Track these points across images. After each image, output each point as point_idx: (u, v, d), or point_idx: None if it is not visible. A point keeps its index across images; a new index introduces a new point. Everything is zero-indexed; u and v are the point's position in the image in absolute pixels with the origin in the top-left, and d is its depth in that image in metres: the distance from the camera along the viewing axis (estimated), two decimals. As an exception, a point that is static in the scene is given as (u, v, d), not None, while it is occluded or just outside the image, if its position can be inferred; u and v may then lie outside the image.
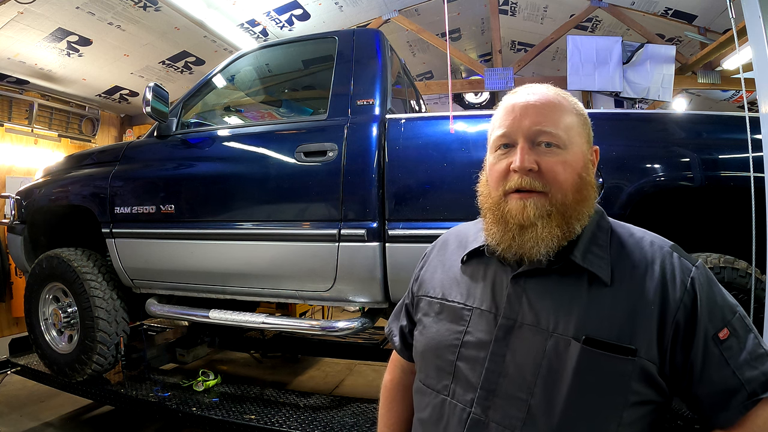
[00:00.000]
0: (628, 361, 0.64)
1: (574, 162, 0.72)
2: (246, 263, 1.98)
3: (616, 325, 0.66)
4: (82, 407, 2.92)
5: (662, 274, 0.68)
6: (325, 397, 2.21)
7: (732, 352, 0.65)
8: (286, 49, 2.45)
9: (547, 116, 0.72)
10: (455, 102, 6.45)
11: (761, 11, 1.17)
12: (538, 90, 0.76)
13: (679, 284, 0.67)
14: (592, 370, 0.65)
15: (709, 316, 0.66)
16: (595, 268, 0.70)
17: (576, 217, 0.72)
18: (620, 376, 0.64)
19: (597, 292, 0.69)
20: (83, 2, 3.61)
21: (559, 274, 0.72)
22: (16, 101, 4.52)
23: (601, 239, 0.73)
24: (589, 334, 0.66)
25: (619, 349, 0.65)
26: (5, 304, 4.42)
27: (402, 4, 4.88)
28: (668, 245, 0.73)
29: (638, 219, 1.58)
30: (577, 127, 0.75)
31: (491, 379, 0.70)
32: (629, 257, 0.71)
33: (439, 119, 1.81)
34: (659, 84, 4.24)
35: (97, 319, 2.19)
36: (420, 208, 1.71)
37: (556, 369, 0.66)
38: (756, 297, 1.42)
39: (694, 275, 0.68)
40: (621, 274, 0.70)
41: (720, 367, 0.65)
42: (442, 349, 0.77)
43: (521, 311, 0.71)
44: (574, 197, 0.71)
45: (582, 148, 0.75)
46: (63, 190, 2.44)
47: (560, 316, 0.68)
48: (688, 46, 4.90)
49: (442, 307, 0.81)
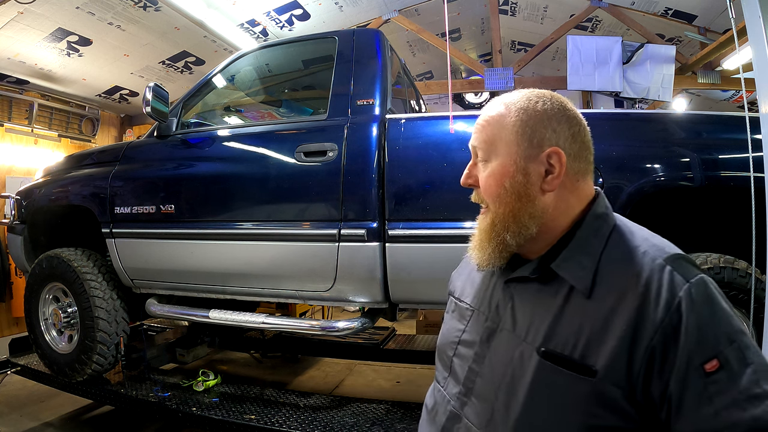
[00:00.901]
0: (584, 381, 0.59)
1: (496, 172, 0.71)
2: (246, 263, 1.99)
3: (582, 341, 0.61)
4: (82, 407, 2.92)
5: (645, 291, 0.60)
6: (325, 397, 2.21)
7: (718, 387, 0.54)
8: (286, 49, 2.45)
9: (479, 131, 0.75)
10: (455, 102, 6.45)
11: (761, 11, 1.17)
12: (490, 105, 0.76)
13: (662, 304, 0.58)
14: (547, 384, 0.63)
15: (696, 343, 0.56)
16: (572, 278, 0.65)
17: (516, 222, 0.69)
18: (575, 395, 0.60)
19: (573, 303, 0.65)
20: (83, 2, 3.61)
21: (540, 282, 0.70)
22: (16, 101, 4.52)
23: (592, 246, 0.67)
24: (551, 347, 0.63)
25: (577, 367, 0.60)
26: (5, 304, 4.42)
27: (402, 4, 4.88)
28: (663, 257, 0.62)
29: (638, 219, 1.59)
30: (505, 134, 0.71)
31: (470, 378, 0.74)
32: (615, 269, 0.64)
33: (439, 119, 1.81)
34: (659, 84, 4.23)
35: (97, 319, 2.19)
36: (420, 208, 1.71)
37: (518, 377, 0.66)
38: (756, 297, 1.42)
39: (683, 294, 0.58)
40: (602, 287, 0.63)
41: (701, 404, 0.55)
42: (446, 345, 0.82)
43: (504, 316, 0.73)
44: (505, 207, 0.70)
45: (505, 157, 0.71)
46: (63, 190, 2.44)
47: (533, 324, 0.67)
48: (688, 46, 4.90)
49: (456, 305, 0.86)
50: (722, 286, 1.46)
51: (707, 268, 1.48)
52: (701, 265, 1.49)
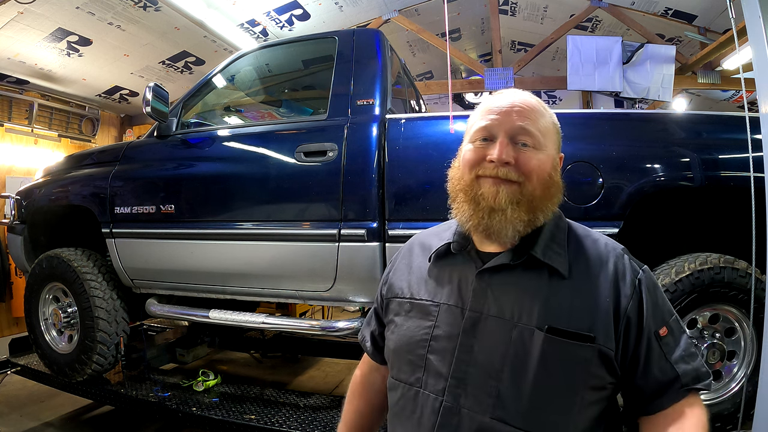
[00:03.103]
0: (587, 348, 0.71)
1: (546, 162, 0.78)
2: (246, 263, 1.98)
3: (575, 315, 0.72)
4: (82, 407, 2.92)
5: (615, 271, 0.76)
6: (325, 397, 2.20)
7: (669, 347, 0.74)
8: (286, 49, 2.45)
9: (528, 118, 0.78)
10: (455, 102, 6.45)
11: (761, 11, 1.17)
12: (522, 95, 0.82)
13: (629, 282, 0.75)
14: (556, 356, 0.71)
15: (653, 315, 0.74)
16: (555, 263, 0.76)
17: (541, 209, 0.78)
18: (581, 360, 0.71)
19: (556, 285, 0.75)
20: (83, 2, 3.61)
21: (521, 269, 0.77)
22: (16, 101, 4.52)
23: (558, 237, 0.80)
24: (552, 323, 0.72)
25: (579, 336, 0.71)
26: (5, 304, 4.42)
27: (402, 4, 4.88)
28: (620, 248, 0.80)
29: (638, 219, 1.59)
30: (552, 134, 0.81)
31: (461, 369, 0.75)
32: (586, 255, 0.78)
33: (439, 119, 1.81)
34: (659, 84, 4.24)
35: (97, 319, 2.19)
36: (420, 208, 1.71)
37: (522, 357, 0.71)
38: (756, 297, 1.42)
39: (641, 277, 0.76)
40: (578, 270, 0.76)
41: (660, 360, 0.73)
42: (413, 344, 0.81)
43: (487, 304, 0.76)
44: (542, 192, 0.77)
45: (552, 152, 0.81)
46: (63, 190, 2.44)
47: (524, 307, 0.74)
48: (688, 46, 4.90)
49: (412, 305, 0.85)
50: (722, 286, 1.48)
51: (707, 268, 1.48)
52: (701, 264, 1.49)
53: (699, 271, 1.47)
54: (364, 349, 1.04)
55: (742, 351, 1.56)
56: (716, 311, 1.55)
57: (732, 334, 1.56)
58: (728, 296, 1.50)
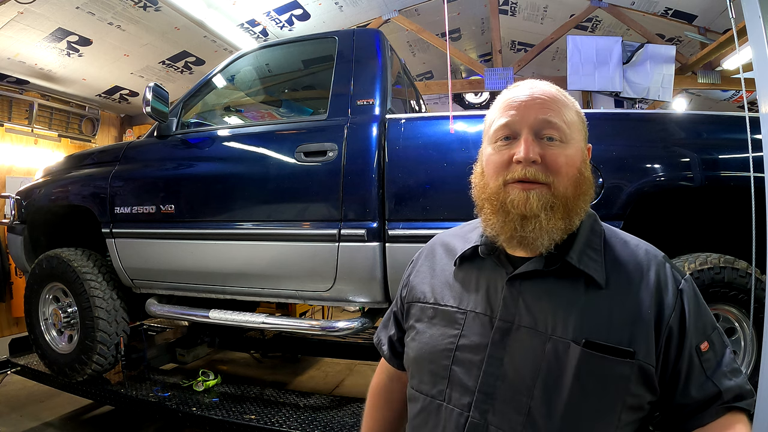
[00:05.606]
0: (627, 364, 0.65)
1: (575, 157, 0.72)
2: (246, 263, 1.98)
3: (615, 328, 0.67)
4: (82, 407, 2.92)
5: (657, 281, 0.70)
6: (325, 397, 2.21)
7: (710, 363, 0.68)
8: (286, 49, 2.45)
9: (551, 109, 0.71)
10: (455, 102, 6.45)
11: (761, 11, 1.17)
12: (541, 85, 0.75)
13: (671, 292, 0.69)
14: (593, 372, 0.65)
15: (695, 328, 0.68)
16: (591, 271, 0.70)
17: (575, 211, 0.71)
18: (620, 378, 0.65)
19: (593, 295, 0.69)
20: (83, 2, 3.61)
21: (555, 276, 0.71)
22: (16, 101, 4.52)
23: (595, 243, 0.73)
24: (589, 337, 0.66)
25: (618, 351, 0.65)
26: (5, 304, 4.42)
27: (402, 4, 4.88)
28: (661, 255, 0.74)
29: (638, 219, 1.59)
30: (578, 123, 0.74)
31: (489, 383, 0.69)
32: (625, 263, 0.72)
33: (439, 119, 1.81)
34: (659, 84, 4.23)
35: (97, 319, 2.19)
36: (420, 208, 1.71)
37: (556, 372, 0.66)
38: (756, 297, 1.42)
39: (683, 287, 0.70)
40: (617, 279, 0.70)
41: (700, 377, 0.68)
42: (436, 354, 0.75)
43: (518, 313, 0.70)
44: (575, 191, 0.71)
45: (581, 144, 0.74)
46: (63, 190, 2.44)
47: (558, 318, 0.68)
48: (688, 46, 4.90)
49: (436, 311, 0.79)
50: (722, 286, 1.47)
51: (707, 268, 1.48)
52: (701, 264, 1.49)
53: (699, 271, 1.47)
54: (381, 353, 0.97)
55: (742, 351, 1.56)
56: (716, 311, 1.54)
57: (732, 334, 1.56)
58: (728, 296, 1.50)
